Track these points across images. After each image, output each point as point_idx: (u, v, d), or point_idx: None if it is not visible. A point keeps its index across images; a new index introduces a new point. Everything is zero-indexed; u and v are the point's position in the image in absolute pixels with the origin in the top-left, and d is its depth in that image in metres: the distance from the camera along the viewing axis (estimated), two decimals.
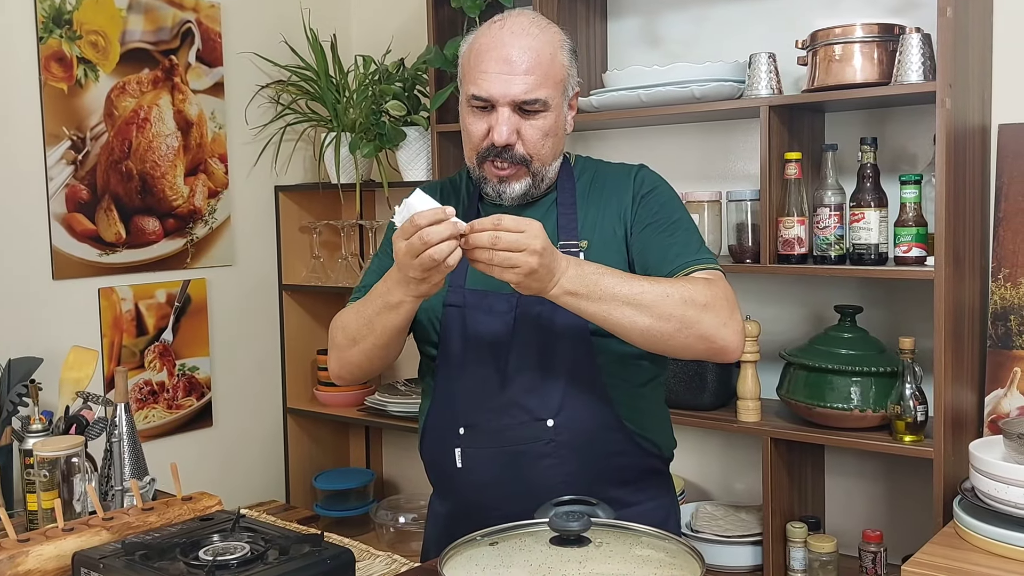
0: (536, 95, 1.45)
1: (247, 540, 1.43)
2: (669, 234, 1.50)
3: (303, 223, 3.08)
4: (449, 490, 1.60)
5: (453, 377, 1.54)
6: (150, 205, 2.67)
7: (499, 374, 1.50)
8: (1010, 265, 2.04)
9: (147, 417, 2.68)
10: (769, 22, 2.37)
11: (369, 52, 2.95)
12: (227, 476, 2.88)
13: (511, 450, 1.49)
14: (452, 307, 1.53)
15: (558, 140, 1.53)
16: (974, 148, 2.01)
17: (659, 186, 1.57)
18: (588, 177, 1.60)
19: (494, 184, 1.51)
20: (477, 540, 1.15)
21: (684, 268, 1.45)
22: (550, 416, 1.48)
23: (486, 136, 1.47)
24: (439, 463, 1.59)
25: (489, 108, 1.46)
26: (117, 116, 2.59)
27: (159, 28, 2.68)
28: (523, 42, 1.45)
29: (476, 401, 1.52)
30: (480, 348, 1.51)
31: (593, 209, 1.56)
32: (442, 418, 1.57)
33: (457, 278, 1.53)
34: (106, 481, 1.79)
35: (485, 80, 1.45)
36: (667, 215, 1.52)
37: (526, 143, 1.48)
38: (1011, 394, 2.02)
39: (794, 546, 2.17)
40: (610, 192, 1.57)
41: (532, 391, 1.49)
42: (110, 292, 2.59)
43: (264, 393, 3.04)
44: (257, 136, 2.96)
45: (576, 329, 1.48)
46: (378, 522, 2.94)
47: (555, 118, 1.50)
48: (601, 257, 1.47)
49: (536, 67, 1.45)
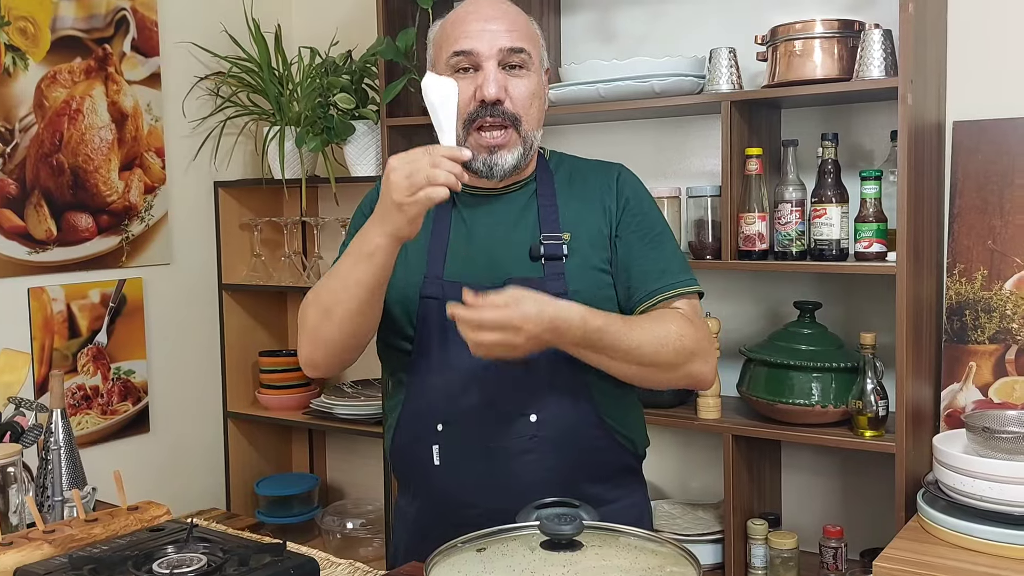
0: (522, 44, 1.46)
1: (203, 551, 1.35)
2: (653, 247, 1.51)
3: (244, 220, 2.98)
4: (424, 489, 1.54)
5: (429, 372, 1.49)
6: (83, 201, 2.55)
7: (480, 369, 1.45)
8: (965, 260, 2.06)
9: (80, 423, 2.55)
10: (724, 17, 2.37)
11: (313, 43, 2.86)
12: (165, 484, 2.77)
13: (492, 446, 1.45)
14: (429, 299, 1.47)
15: (542, 106, 1.52)
16: (931, 144, 2.03)
17: (643, 192, 1.57)
18: (566, 171, 1.58)
19: (484, 157, 1.46)
20: (463, 546, 1.09)
21: (668, 290, 1.48)
22: (533, 411, 1.45)
23: (472, 98, 1.44)
24: (413, 461, 1.53)
25: (472, 71, 1.45)
26: (47, 107, 2.46)
27: (92, 15, 2.56)
28: (500, 6, 1.49)
29: (455, 397, 1.47)
30: (459, 342, 1.43)
31: (574, 203, 1.53)
32: (417, 414, 1.51)
33: (434, 268, 1.49)
34: (42, 491, 1.69)
35: (469, 37, 1.44)
36: (651, 225, 1.53)
37: (514, 101, 1.45)
38: (967, 388, 2.04)
39: (755, 543, 2.16)
40: (592, 188, 1.55)
41: (514, 386, 1.45)
42: (40, 292, 2.45)
43: (203, 397, 2.93)
44: (196, 129, 2.85)
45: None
46: (324, 528, 2.86)
47: (538, 80, 1.49)
48: (583, 250, 1.48)
49: (517, 25, 1.47)
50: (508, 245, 1.50)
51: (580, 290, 1.45)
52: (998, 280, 2.03)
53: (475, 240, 1.51)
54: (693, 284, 1.50)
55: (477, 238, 1.51)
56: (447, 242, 1.51)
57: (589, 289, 1.46)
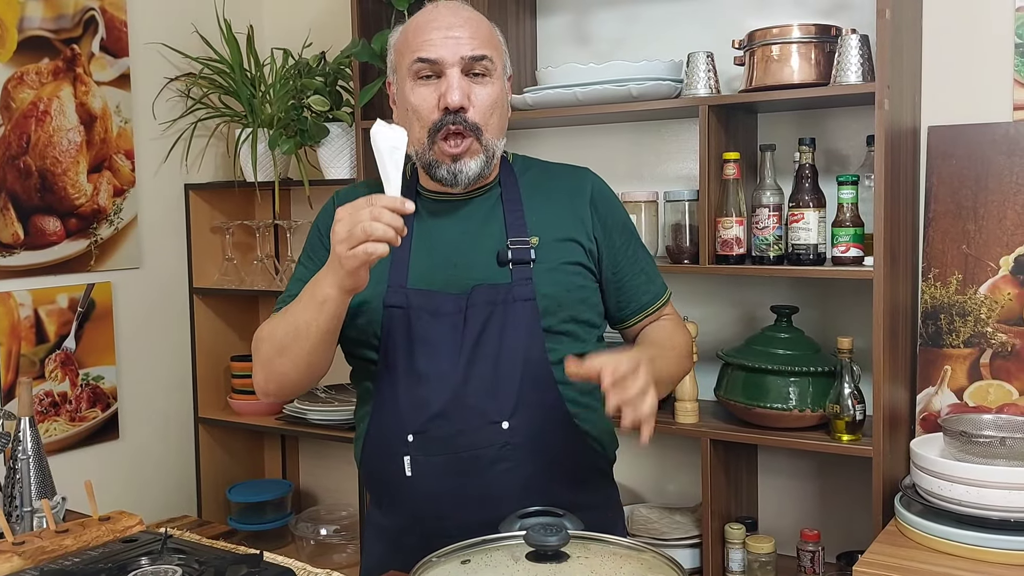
0: (484, 52, 1.45)
1: (179, 563, 1.33)
2: (634, 260, 1.58)
3: (215, 223, 2.94)
4: (396, 501, 1.52)
5: (397, 382, 1.47)
6: (50, 204, 2.50)
7: (449, 378, 1.44)
8: (939, 265, 2.07)
9: (48, 430, 2.50)
10: (701, 22, 2.37)
11: (286, 45, 2.83)
12: (135, 491, 2.72)
13: (465, 455, 1.43)
14: (394, 308, 1.46)
15: (503, 115, 1.52)
16: (907, 149, 2.04)
17: (614, 202, 1.60)
18: (532, 175, 1.58)
19: (448, 165, 1.46)
20: (447, 557, 1.08)
21: (656, 302, 1.60)
22: (504, 419, 1.43)
23: (435, 106, 1.44)
24: (383, 474, 1.51)
25: (434, 78, 1.45)
26: (14, 108, 2.41)
27: (60, 15, 2.51)
28: (462, 13, 1.48)
29: (424, 406, 1.45)
30: (427, 351, 1.45)
31: (541, 206, 1.53)
32: (386, 426, 1.49)
33: (398, 277, 1.48)
34: (10, 501, 1.65)
35: (432, 45, 1.44)
36: (628, 237, 1.59)
37: (476, 109, 1.45)
38: (942, 392, 2.05)
39: (732, 547, 2.16)
40: (560, 193, 1.55)
41: (485, 393, 1.43)
42: (7, 297, 2.40)
43: (174, 402, 2.88)
44: (166, 131, 2.81)
45: (529, 327, 1.45)
46: (298, 535, 2.83)
47: (500, 89, 1.49)
48: (551, 253, 1.49)
49: (479, 32, 1.47)
50: (474, 251, 1.49)
51: (549, 293, 1.46)
52: (973, 284, 2.04)
53: (439, 247, 1.50)
54: (667, 289, 1.63)
55: (441, 245, 1.50)
56: (409, 250, 1.50)
57: (558, 292, 1.47)
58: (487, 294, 1.45)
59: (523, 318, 1.44)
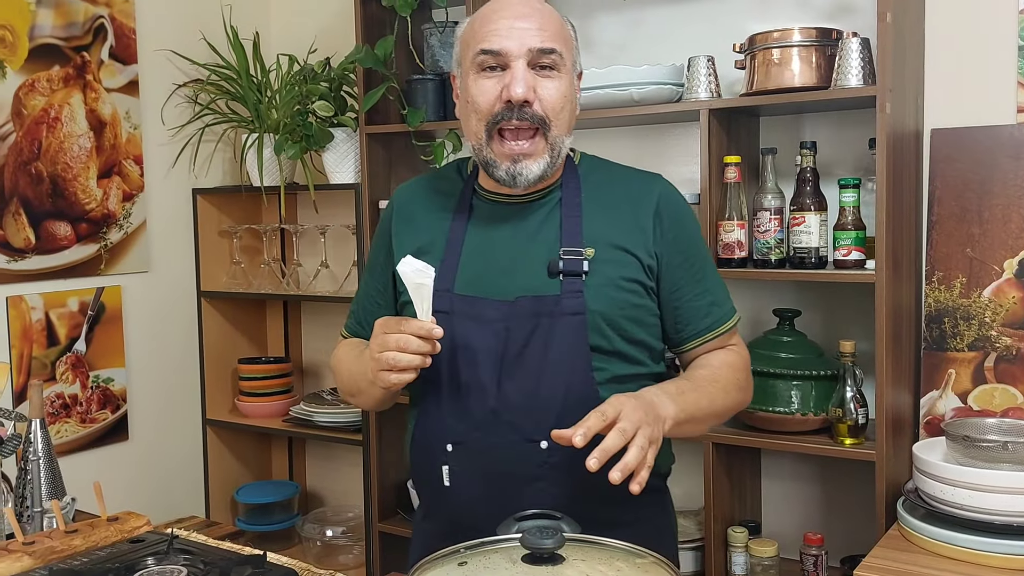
0: (553, 45, 1.36)
1: (184, 563, 1.35)
2: (699, 280, 1.46)
3: (223, 227, 2.96)
4: (436, 508, 1.48)
5: (440, 389, 1.42)
6: (61, 209, 2.53)
7: (489, 389, 1.38)
8: (943, 268, 2.08)
9: (59, 432, 2.53)
10: (702, 26, 2.38)
11: (291, 51, 2.86)
12: (144, 491, 2.75)
13: (501, 471, 1.37)
14: (439, 313, 1.35)
15: (572, 111, 1.42)
16: (909, 153, 2.04)
17: (685, 214, 1.48)
18: (597, 179, 1.48)
19: (507, 166, 1.37)
20: (444, 559, 1.09)
21: (717, 327, 1.47)
22: (543, 438, 1.35)
23: (498, 98, 1.35)
24: (427, 480, 1.47)
25: (499, 70, 1.36)
26: (26, 115, 2.44)
27: (70, 23, 2.54)
28: (532, 4, 1.39)
29: (463, 417, 1.40)
30: (469, 359, 1.39)
31: (601, 215, 1.43)
32: (429, 432, 1.45)
33: (445, 281, 1.41)
34: (21, 502, 1.68)
35: (497, 35, 1.35)
36: (695, 254, 1.47)
37: (544, 102, 1.35)
38: (946, 395, 2.06)
39: (735, 551, 2.17)
40: (623, 200, 1.45)
41: (524, 410, 1.37)
42: (19, 301, 2.43)
43: (182, 405, 2.91)
44: (174, 137, 2.83)
45: (575, 344, 1.37)
46: (304, 536, 2.85)
47: (569, 83, 1.40)
48: (607, 267, 1.39)
49: (549, 24, 1.38)
50: (525, 258, 1.41)
51: (599, 309, 1.38)
52: (977, 288, 2.05)
53: (490, 251, 1.43)
54: (734, 312, 1.50)
55: (493, 250, 1.43)
56: (460, 254, 1.44)
57: (610, 309, 1.38)
58: (532, 305, 1.38)
59: (569, 334, 1.36)
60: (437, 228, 1.48)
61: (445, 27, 2.53)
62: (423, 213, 1.51)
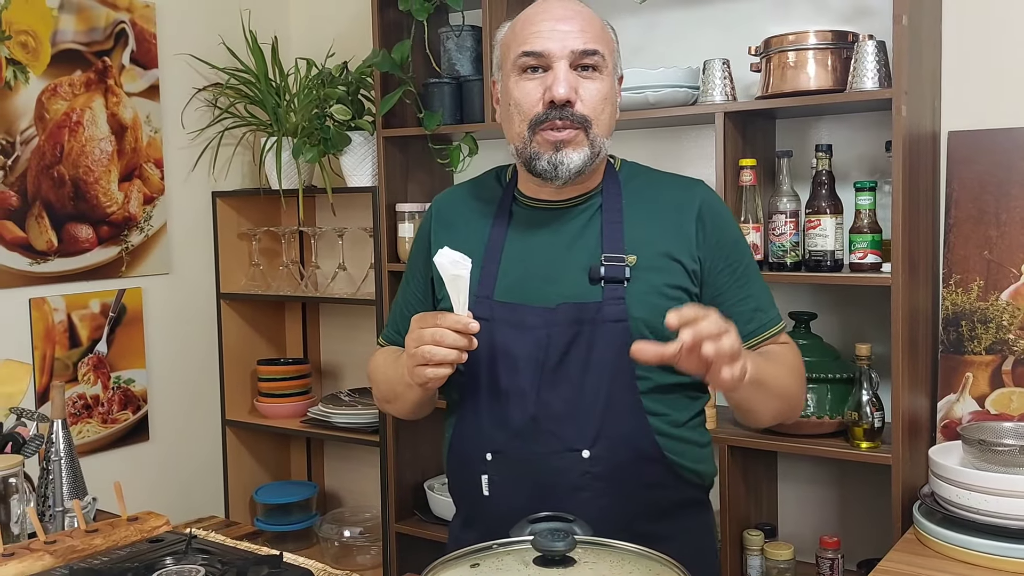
0: (595, 46, 1.36)
1: (202, 563, 1.37)
2: (742, 285, 1.44)
3: (242, 230, 2.99)
4: (474, 518, 1.47)
5: (479, 397, 1.41)
6: (83, 212, 2.56)
7: (530, 397, 1.37)
8: (961, 271, 2.07)
9: (81, 432, 2.56)
10: (717, 28, 2.38)
11: (310, 55, 2.88)
12: (165, 491, 2.78)
13: (542, 481, 1.36)
14: (479, 319, 1.33)
15: (613, 113, 1.42)
16: (926, 155, 2.04)
17: (727, 220, 1.47)
18: (638, 185, 1.47)
19: (548, 155, 1.36)
20: (457, 561, 1.10)
21: (762, 332, 1.45)
22: (585, 447, 1.35)
23: (540, 99, 1.36)
24: (465, 488, 1.47)
25: (541, 71, 1.37)
26: (48, 119, 2.47)
27: (92, 28, 2.57)
28: (574, 7, 1.40)
29: (503, 425, 1.38)
30: (509, 367, 1.38)
31: (642, 221, 1.42)
32: (467, 441, 1.44)
33: (485, 288, 1.41)
34: (43, 501, 1.70)
35: (539, 37, 1.36)
36: (739, 259, 1.45)
37: (585, 103, 1.36)
38: (963, 399, 2.05)
39: (751, 554, 2.16)
40: (665, 206, 1.43)
41: (566, 418, 1.35)
42: (41, 303, 2.46)
43: (202, 405, 2.94)
44: (194, 140, 2.86)
45: (617, 352, 1.34)
46: (322, 536, 2.87)
47: (610, 86, 1.39)
48: (649, 274, 1.38)
49: (590, 26, 1.38)
50: (566, 264, 1.40)
51: (642, 317, 1.35)
52: (994, 291, 2.04)
53: (530, 258, 1.42)
54: (779, 320, 1.48)
55: (533, 256, 1.42)
56: (500, 260, 1.43)
57: (652, 316, 1.34)
58: (574, 312, 1.36)
59: (612, 341, 1.34)
60: (476, 235, 1.47)
61: (461, 31, 2.54)
62: (462, 220, 1.51)
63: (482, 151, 2.65)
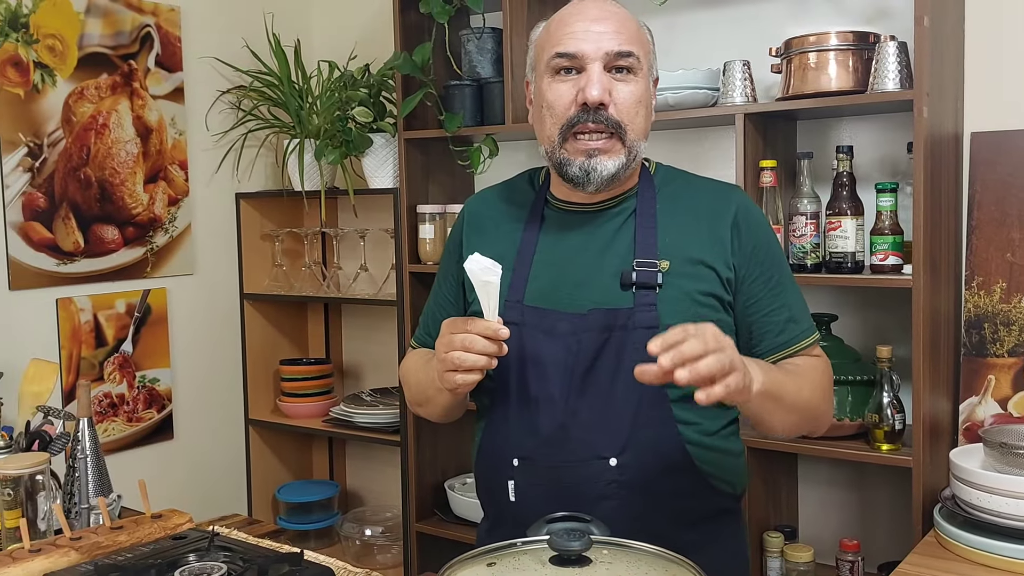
0: (630, 48, 1.34)
1: (224, 560, 1.38)
2: (776, 294, 1.41)
3: (265, 231, 3.02)
4: (501, 523, 1.45)
5: (508, 403, 1.40)
6: (109, 213, 2.59)
7: (558, 404, 1.35)
8: (983, 273, 2.06)
9: (107, 430, 2.59)
10: (738, 30, 2.37)
11: (332, 57, 2.90)
12: (189, 489, 2.81)
13: (569, 488, 1.34)
14: (508, 324, 1.30)
15: (648, 116, 1.39)
16: (948, 156, 2.03)
17: (763, 228, 1.43)
18: (673, 189, 1.44)
19: (580, 161, 1.34)
20: (473, 560, 1.11)
21: (794, 343, 1.41)
22: (613, 455, 1.33)
23: (573, 102, 1.33)
24: (492, 493, 1.46)
25: (574, 73, 1.34)
26: (75, 122, 2.51)
27: (118, 32, 2.60)
28: (609, 7, 1.37)
29: (531, 432, 1.37)
30: (538, 373, 1.36)
31: (678, 226, 1.39)
32: (495, 445, 1.43)
33: (515, 292, 1.39)
34: (69, 498, 1.73)
35: (573, 38, 1.33)
36: (774, 268, 1.42)
37: (619, 106, 1.33)
38: (986, 401, 2.04)
39: (771, 556, 2.16)
40: (700, 212, 1.41)
41: (594, 426, 1.34)
42: (68, 303, 2.50)
43: (226, 404, 2.97)
44: (218, 142, 2.89)
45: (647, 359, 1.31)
46: (344, 535, 2.89)
47: (645, 88, 1.37)
48: (682, 280, 1.36)
49: (626, 28, 1.36)
50: (597, 269, 1.38)
51: (674, 324, 1.27)
52: (1017, 293, 2.02)
53: (561, 262, 1.41)
54: (814, 331, 1.44)
55: (564, 260, 1.41)
56: (531, 264, 1.42)
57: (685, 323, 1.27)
58: (604, 318, 1.34)
59: (642, 348, 1.26)
60: (508, 238, 1.46)
61: (482, 33, 2.55)
62: (494, 223, 1.51)
63: (502, 153, 2.66)
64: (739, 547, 1.49)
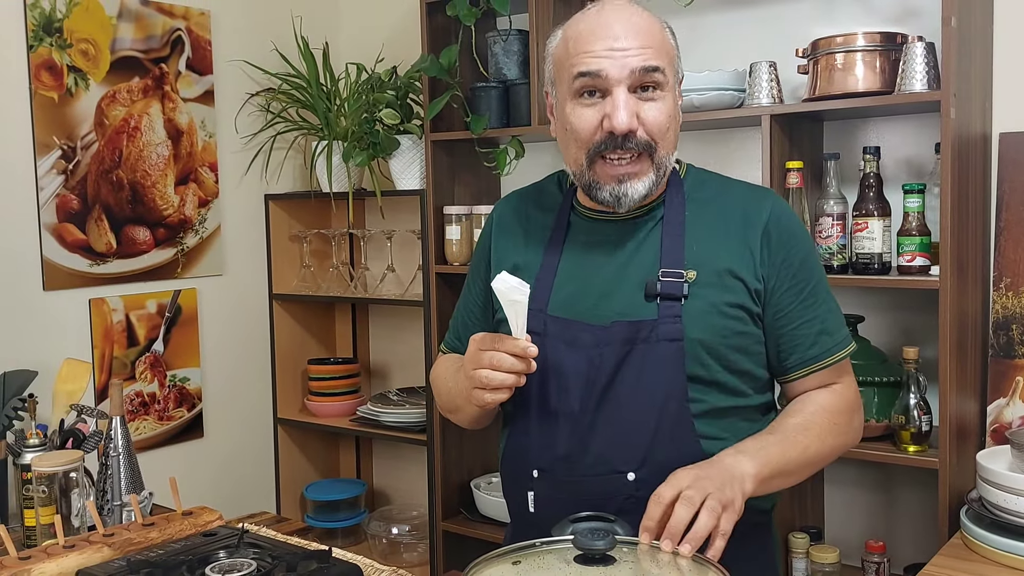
0: (656, 63, 1.28)
1: (254, 556, 1.40)
2: (808, 305, 1.36)
3: (293, 232, 3.05)
4: (521, 531, 1.41)
5: (529, 413, 1.39)
6: (140, 214, 2.63)
7: (578, 417, 1.34)
8: (1012, 274, 2.04)
9: (138, 429, 2.63)
10: (764, 31, 2.37)
11: (360, 60, 2.93)
12: (218, 487, 2.85)
13: (587, 502, 1.30)
14: (531, 333, 1.29)
15: (677, 127, 1.36)
16: (976, 157, 2.01)
17: (797, 235, 1.39)
18: (704, 195, 1.41)
19: (611, 187, 1.32)
20: (499, 559, 1.12)
21: (825, 357, 1.37)
22: (631, 470, 1.31)
23: (598, 127, 1.29)
24: (514, 502, 1.46)
25: (598, 95, 1.30)
26: (108, 125, 2.55)
27: (149, 36, 2.64)
28: (630, 18, 1.30)
29: (550, 444, 1.36)
30: (560, 385, 1.35)
31: (706, 235, 1.36)
32: (517, 456, 1.43)
33: (539, 301, 1.37)
34: (102, 495, 1.76)
35: (595, 58, 1.28)
36: (807, 278, 1.37)
37: (648, 127, 1.29)
38: (1013, 403, 2.02)
39: (796, 557, 2.16)
40: (731, 219, 1.37)
41: (613, 440, 1.32)
42: (101, 303, 2.54)
43: (254, 403, 3.00)
44: (247, 145, 2.92)
45: (671, 373, 1.31)
46: (371, 533, 2.91)
47: (673, 101, 1.33)
48: (709, 291, 1.33)
49: (650, 39, 1.30)
50: (622, 279, 1.36)
51: (699, 337, 1.31)
52: None
53: (586, 272, 1.39)
54: (847, 343, 1.40)
55: (588, 270, 1.39)
56: (555, 273, 1.40)
57: (710, 336, 1.31)
58: (627, 330, 1.32)
59: (665, 361, 1.30)
60: (534, 245, 1.45)
61: (508, 35, 2.57)
62: (521, 228, 1.49)
63: (528, 154, 2.67)
64: (768, 560, 1.46)
